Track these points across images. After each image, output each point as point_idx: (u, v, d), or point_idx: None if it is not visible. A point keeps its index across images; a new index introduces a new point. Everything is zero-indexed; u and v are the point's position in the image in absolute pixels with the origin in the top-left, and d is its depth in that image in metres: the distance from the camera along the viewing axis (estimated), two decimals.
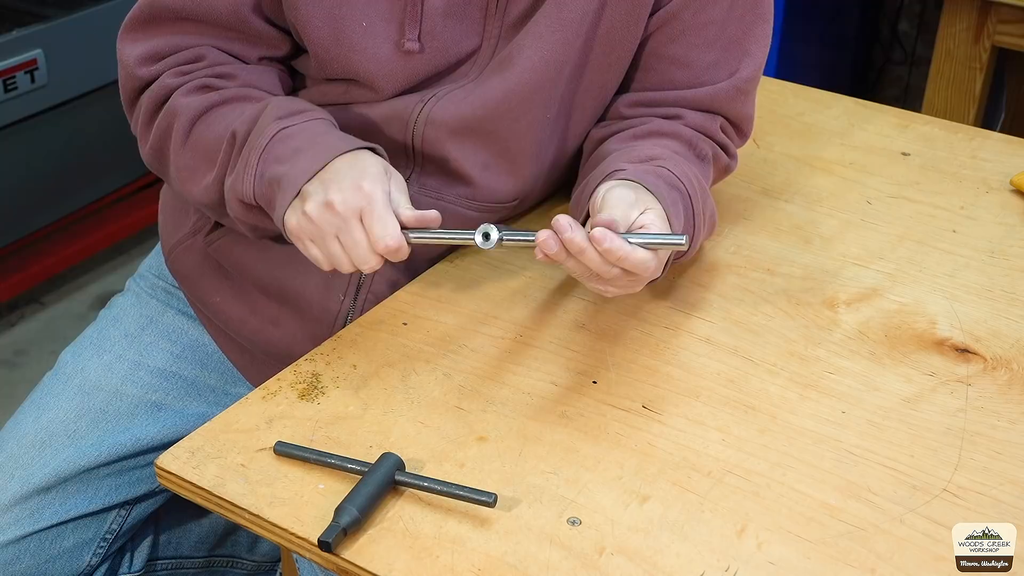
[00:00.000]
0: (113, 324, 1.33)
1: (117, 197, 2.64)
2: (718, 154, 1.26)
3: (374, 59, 1.16)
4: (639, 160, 1.15)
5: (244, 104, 1.14)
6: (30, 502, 1.22)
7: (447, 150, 1.19)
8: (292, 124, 1.09)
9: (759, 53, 1.24)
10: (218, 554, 1.48)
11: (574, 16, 1.16)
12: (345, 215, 1.02)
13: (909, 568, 0.90)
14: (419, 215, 1.04)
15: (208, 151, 1.13)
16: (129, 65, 1.17)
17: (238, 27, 1.17)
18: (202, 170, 1.14)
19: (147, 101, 1.17)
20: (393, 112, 1.19)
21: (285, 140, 1.08)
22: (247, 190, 1.08)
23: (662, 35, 1.22)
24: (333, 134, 1.09)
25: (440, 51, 1.18)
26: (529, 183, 1.25)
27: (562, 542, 0.91)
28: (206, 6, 1.16)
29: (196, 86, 1.15)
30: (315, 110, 1.13)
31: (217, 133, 1.13)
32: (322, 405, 1.05)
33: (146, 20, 1.17)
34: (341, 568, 0.90)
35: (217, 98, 1.14)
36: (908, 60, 3.30)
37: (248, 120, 1.11)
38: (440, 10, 1.16)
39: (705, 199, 1.18)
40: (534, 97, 1.18)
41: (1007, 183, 1.46)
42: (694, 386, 1.09)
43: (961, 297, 1.23)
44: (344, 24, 1.15)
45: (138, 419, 1.27)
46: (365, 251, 1.03)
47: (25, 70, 2.28)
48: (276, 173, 1.06)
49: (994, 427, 1.05)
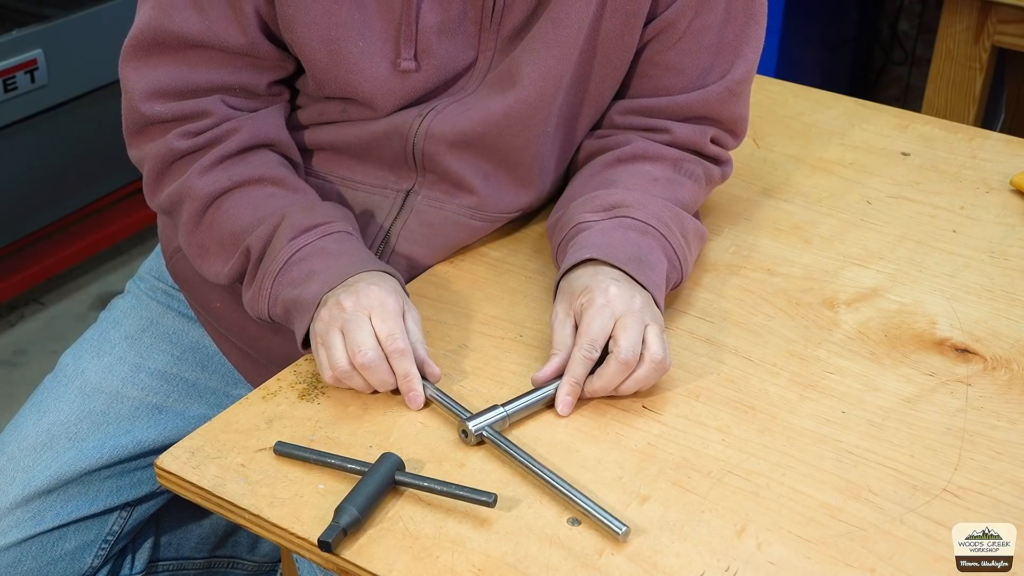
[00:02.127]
0: (113, 326, 1.33)
1: (117, 197, 2.64)
2: (708, 170, 1.27)
3: (371, 79, 1.16)
4: (602, 209, 1.17)
5: (257, 191, 1.14)
6: (31, 505, 1.22)
7: (447, 162, 1.19)
8: (305, 244, 1.09)
9: (751, 55, 1.25)
10: (219, 555, 1.48)
11: (570, 31, 1.16)
12: (355, 311, 1.03)
13: (909, 568, 0.90)
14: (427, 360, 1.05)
15: (221, 243, 1.14)
16: (134, 97, 1.16)
17: (249, 52, 1.16)
18: (212, 257, 1.16)
19: (154, 158, 1.17)
20: (392, 127, 1.19)
21: (299, 263, 1.09)
22: (263, 311, 1.11)
23: (658, 43, 1.22)
24: (346, 256, 1.09)
25: (436, 68, 1.18)
26: (533, 194, 1.26)
27: (562, 542, 0.91)
28: (215, 33, 1.14)
29: (208, 164, 1.15)
30: (330, 222, 1.12)
31: (229, 229, 1.14)
32: (322, 405, 1.05)
33: (150, 45, 1.15)
34: (341, 568, 0.90)
35: (228, 183, 1.14)
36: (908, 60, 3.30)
37: (262, 238, 1.11)
38: (435, 28, 1.15)
39: (683, 225, 1.19)
40: (534, 113, 1.18)
41: (1007, 183, 1.46)
42: (694, 386, 1.09)
43: (961, 297, 1.24)
44: (340, 45, 1.14)
45: (139, 421, 1.27)
46: (371, 348, 1.01)
47: (25, 70, 2.28)
48: (290, 296, 1.08)
49: (994, 427, 1.05)
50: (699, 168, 1.26)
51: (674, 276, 1.16)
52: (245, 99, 1.19)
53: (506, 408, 1.02)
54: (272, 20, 1.15)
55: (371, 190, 1.23)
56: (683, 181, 1.24)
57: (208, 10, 1.13)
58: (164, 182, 1.18)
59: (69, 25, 2.37)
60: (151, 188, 1.20)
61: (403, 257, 1.22)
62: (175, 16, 1.13)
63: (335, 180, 1.24)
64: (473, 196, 1.22)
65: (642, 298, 1.08)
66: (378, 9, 1.14)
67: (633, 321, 1.04)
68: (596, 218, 1.16)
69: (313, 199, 1.17)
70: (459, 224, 1.23)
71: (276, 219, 1.12)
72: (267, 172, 1.16)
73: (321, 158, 1.24)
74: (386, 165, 1.22)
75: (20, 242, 2.48)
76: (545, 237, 1.29)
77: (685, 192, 1.23)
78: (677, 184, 1.23)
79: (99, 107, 2.45)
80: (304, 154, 1.24)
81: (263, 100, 1.20)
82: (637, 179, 1.21)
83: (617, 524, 0.90)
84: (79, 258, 2.63)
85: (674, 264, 1.15)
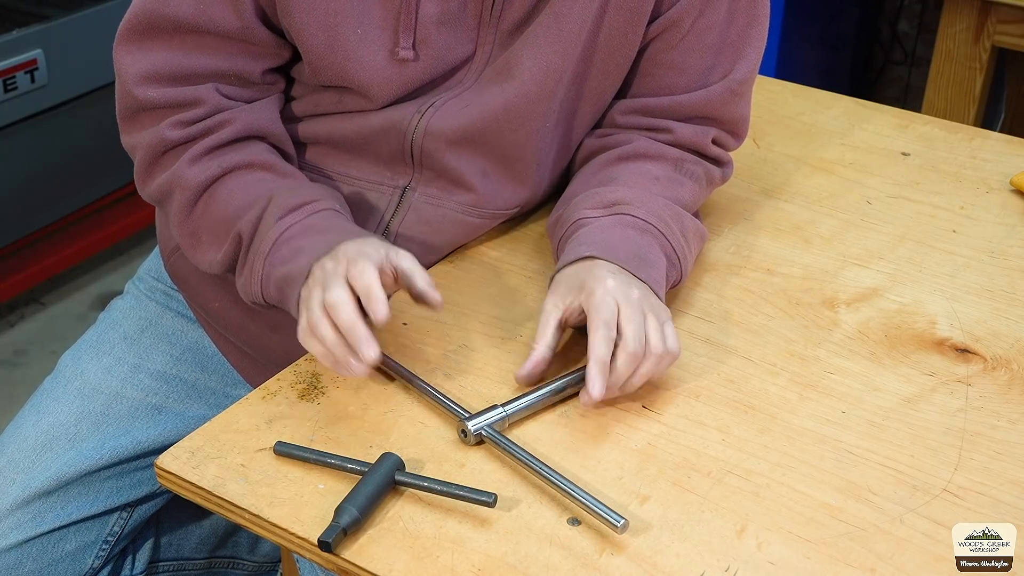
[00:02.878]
0: (112, 327, 1.33)
1: (117, 197, 2.64)
2: (709, 171, 1.27)
3: (368, 67, 1.16)
4: (603, 206, 1.16)
5: (247, 176, 1.14)
6: (32, 506, 1.21)
7: (446, 160, 1.19)
8: (294, 223, 1.09)
9: (754, 55, 1.24)
10: (219, 555, 1.48)
11: (572, 27, 1.16)
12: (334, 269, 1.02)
13: (909, 568, 0.90)
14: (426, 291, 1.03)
15: (214, 231, 1.14)
16: (127, 81, 1.16)
17: (244, 37, 1.15)
18: (205, 246, 1.16)
19: (145, 147, 1.17)
20: (390, 123, 1.19)
21: (288, 241, 1.08)
22: (256, 294, 1.11)
23: (661, 42, 1.22)
24: (335, 231, 1.09)
25: (434, 59, 1.17)
26: (530, 190, 1.26)
27: (562, 542, 0.91)
28: (210, 17, 1.14)
29: (198, 153, 1.15)
30: (317, 200, 1.12)
31: (220, 215, 1.13)
32: (322, 405, 1.05)
33: (144, 29, 1.15)
34: (341, 568, 0.90)
35: (218, 171, 1.14)
36: (908, 60, 3.30)
37: (252, 221, 1.11)
38: (434, 18, 1.15)
39: (683, 224, 1.19)
40: (533, 108, 1.18)
41: (1007, 183, 1.46)
42: (694, 386, 1.09)
43: (961, 297, 1.24)
44: (338, 32, 1.14)
45: (138, 422, 1.27)
46: (340, 289, 0.99)
47: (25, 70, 2.28)
48: (281, 273, 1.07)
49: (994, 427, 1.05)
50: (700, 169, 1.26)
51: (673, 275, 1.16)
52: (240, 87, 1.19)
53: (506, 408, 1.02)
54: (270, 5, 1.15)
55: (367, 186, 1.23)
56: (684, 181, 1.24)
57: None
58: (155, 172, 1.18)
59: (69, 25, 2.37)
60: (142, 177, 1.20)
61: None
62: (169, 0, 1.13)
63: (331, 175, 1.24)
64: (471, 193, 1.22)
65: (639, 290, 1.07)
66: None
67: (633, 312, 1.03)
68: (596, 215, 1.16)
69: (301, 181, 1.17)
70: (457, 221, 1.23)
71: (264, 202, 1.12)
72: (257, 158, 1.16)
73: (316, 152, 1.24)
74: (382, 161, 1.22)
75: (20, 242, 2.48)
76: (545, 237, 1.29)
77: (685, 192, 1.23)
78: (677, 184, 1.23)
79: (99, 107, 2.45)
80: (299, 148, 1.24)
81: (258, 89, 1.20)
82: (638, 177, 1.21)
83: (615, 517, 0.90)
84: (79, 258, 2.63)
85: (673, 263, 1.15)
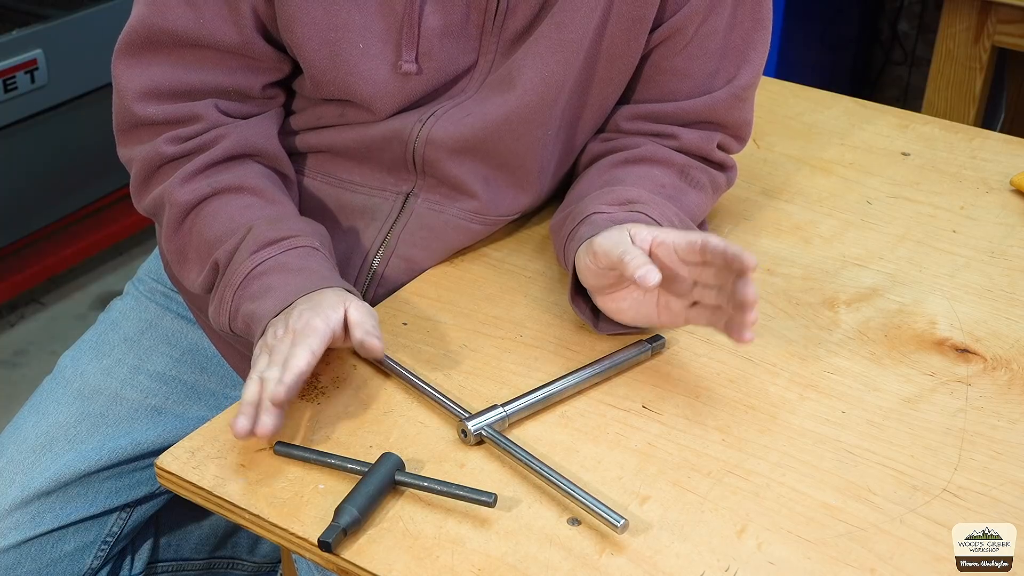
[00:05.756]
0: (112, 328, 1.33)
1: (117, 197, 2.64)
2: (714, 178, 1.27)
3: (371, 81, 1.15)
4: (618, 203, 1.16)
5: (235, 200, 1.14)
6: (31, 506, 1.21)
7: (448, 168, 1.19)
8: (267, 258, 1.08)
9: (758, 59, 1.24)
10: (219, 556, 1.48)
11: (574, 36, 1.15)
12: (280, 344, 1.00)
13: (909, 568, 0.90)
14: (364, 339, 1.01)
15: (197, 251, 1.14)
16: (126, 96, 1.15)
17: (244, 51, 1.15)
18: (189, 264, 1.16)
19: (141, 161, 1.17)
20: (392, 132, 1.19)
21: (259, 277, 1.08)
22: (224, 324, 1.10)
23: (665, 48, 1.22)
24: (306, 272, 1.08)
25: (437, 71, 1.17)
26: (532, 196, 1.26)
27: (562, 542, 0.91)
28: (210, 31, 1.13)
29: (191, 172, 1.14)
30: (295, 236, 1.11)
31: (204, 237, 1.13)
32: (322, 405, 1.05)
33: (144, 43, 1.14)
34: (341, 568, 0.90)
35: (208, 190, 1.14)
36: (908, 60, 3.30)
37: (228, 252, 1.11)
38: (437, 30, 1.15)
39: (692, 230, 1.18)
40: (535, 116, 1.18)
41: (1007, 183, 1.46)
42: (694, 386, 1.09)
43: (961, 297, 1.23)
44: (340, 46, 1.14)
45: (138, 423, 1.27)
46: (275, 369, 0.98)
47: (25, 70, 2.28)
48: (248, 310, 1.07)
49: (994, 427, 1.05)
50: (705, 177, 1.26)
51: None
52: (239, 103, 1.18)
53: (506, 408, 1.02)
54: (270, 20, 1.15)
55: (370, 192, 1.23)
56: (688, 191, 1.23)
57: (202, 7, 1.13)
58: (151, 185, 1.18)
59: (69, 25, 2.37)
60: (138, 191, 1.20)
61: (402, 260, 1.22)
62: (168, 13, 1.13)
63: (333, 182, 1.24)
64: (474, 200, 1.22)
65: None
66: (379, 10, 1.14)
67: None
68: (612, 210, 1.14)
69: (286, 211, 1.15)
70: (459, 228, 1.23)
71: (243, 232, 1.11)
72: (248, 182, 1.15)
73: (319, 160, 1.24)
74: (385, 168, 1.22)
75: (20, 242, 2.49)
76: (546, 238, 1.29)
77: (690, 201, 1.23)
78: (682, 193, 1.22)
79: (99, 107, 2.45)
80: (301, 156, 1.24)
81: (257, 103, 1.20)
82: (645, 182, 1.20)
83: (615, 517, 0.90)
84: (79, 258, 2.63)
85: None
